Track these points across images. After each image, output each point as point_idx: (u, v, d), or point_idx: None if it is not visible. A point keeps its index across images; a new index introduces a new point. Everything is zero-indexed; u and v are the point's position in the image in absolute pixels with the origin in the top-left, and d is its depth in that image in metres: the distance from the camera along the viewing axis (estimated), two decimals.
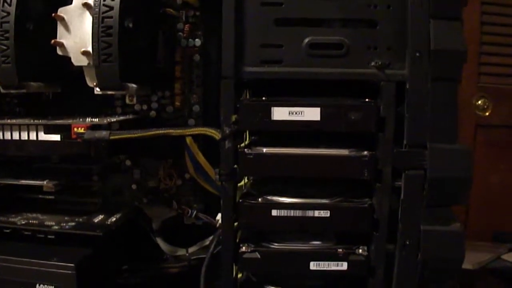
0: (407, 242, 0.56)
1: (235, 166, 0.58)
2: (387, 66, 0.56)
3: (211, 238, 0.71)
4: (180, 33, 0.71)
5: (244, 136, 0.62)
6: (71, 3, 0.63)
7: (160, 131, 0.62)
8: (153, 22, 0.69)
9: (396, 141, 0.56)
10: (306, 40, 0.56)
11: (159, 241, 0.75)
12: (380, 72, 0.56)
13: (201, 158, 0.67)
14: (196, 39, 0.72)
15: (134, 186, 0.77)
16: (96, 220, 0.71)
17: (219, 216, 0.67)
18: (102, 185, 0.78)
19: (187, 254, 0.77)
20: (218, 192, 0.66)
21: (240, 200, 0.58)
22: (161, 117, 0.74)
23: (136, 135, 0.61)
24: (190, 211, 0.73)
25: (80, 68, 0.63)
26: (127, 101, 0.67)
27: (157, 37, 0.70)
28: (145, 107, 0.74)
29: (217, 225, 0.67)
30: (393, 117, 0.56)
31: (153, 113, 0.74)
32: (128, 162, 0.76)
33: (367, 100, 0.57)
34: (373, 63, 0.56)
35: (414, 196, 0.56)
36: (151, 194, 0.77)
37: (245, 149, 0.57)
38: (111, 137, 0.61)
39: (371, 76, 0.56)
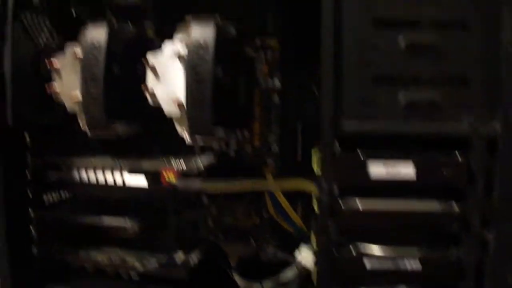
0: None
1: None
2: (479, 123, 0.56)
3: (287, 274, 0.72)
4: (259, 74, 0.72)
5: None
6: (159, 47, 0.64)
7: (256, 185, 0.62)
8: (237, 65, 0.69)
9: (486, 191, 0.57)
10: (402, 98, 0.57)
11: (236, 277, 0.76)
12: (472, 129, 0.56)
13: (281, 198, 0.68)
14: (275, 79, 0.72)
15: (210, 223, 0.78)
16: (176, 258, 0.72)
17: (298, 256, 0.68)
18: (178, 221, 0.79)
19: None
20: (297, 232, 0.68)
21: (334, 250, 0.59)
22: (241, 156, 0.75)
23: (230, 187, 0.62)
24: (267, 248, 0.75)
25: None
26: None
27: (239, 78, 0.70)
28: (224, 146, 0.75)
29: (296, 264, 0.69)
30: (484, 172, 0.56)
31: (232, 152, 0.75)
32: (205, 199, 0.77)
33: (458, 155, 0.57)
34: (465, 120, 0.56)
35: (503, 250, 0.57)
36: (228, 230, 0.78)
37: (341, 204, 0.57)
38: (204, 187, 0.62)
39: (464, 133, 0.56)
